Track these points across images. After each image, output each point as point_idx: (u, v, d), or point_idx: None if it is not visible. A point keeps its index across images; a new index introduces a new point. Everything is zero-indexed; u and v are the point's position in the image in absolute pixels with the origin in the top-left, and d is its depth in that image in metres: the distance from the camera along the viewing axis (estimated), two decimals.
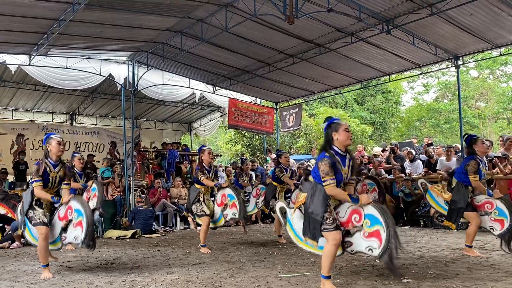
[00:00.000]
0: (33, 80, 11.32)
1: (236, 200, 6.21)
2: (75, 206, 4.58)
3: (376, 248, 3.49)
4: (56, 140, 4.73)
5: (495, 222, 5.13)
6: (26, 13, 7.68)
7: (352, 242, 3.68)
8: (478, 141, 5.33)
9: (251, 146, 20.84)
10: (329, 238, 3.60)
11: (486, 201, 5.23)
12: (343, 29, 8.88)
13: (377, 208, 3.55)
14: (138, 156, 11.77)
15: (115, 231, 8.85)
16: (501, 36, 8.68)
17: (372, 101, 24.79)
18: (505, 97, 23.65)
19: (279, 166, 7.28)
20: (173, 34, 9.42)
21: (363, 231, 3.59)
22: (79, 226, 4.51)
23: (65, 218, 4.63)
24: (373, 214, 3.54)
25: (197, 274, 4.50)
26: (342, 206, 3.75)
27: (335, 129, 3.77)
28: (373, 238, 3.52)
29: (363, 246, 3.60)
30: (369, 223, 3.55)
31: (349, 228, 3.68)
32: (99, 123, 15.32)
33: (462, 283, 3.79)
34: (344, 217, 3.72)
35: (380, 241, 3.46)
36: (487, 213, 5.19)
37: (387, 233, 3.42)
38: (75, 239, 4.55)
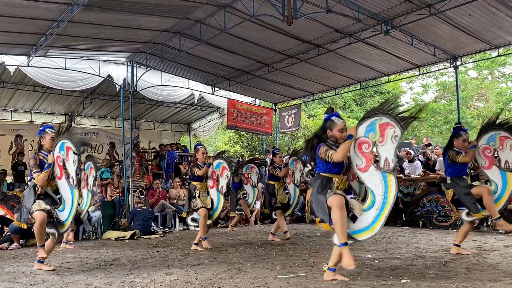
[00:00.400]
0: (31, 81, 11.32)
1: (224, 163, 6.47)
2: (56, 149, 4.78)
3: (395, 129, 3.64)
4: (50, 136, 4.92)
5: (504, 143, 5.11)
6: (24, 14, 7.68)
7: (385, 157, 3.73)
8: (460, 138, 5.32)
9: (250, 146, 20.83)
10: (331, 202, 3.75)
11: (485, 147, 5.22)
12: (341, 29, 8.89)
13: (362, 119, 3.80)
14: (137, 157, 11.76)
15: (114, 232, 8.84)
16: (499, 37, 8.70)
17: (371, 101, 24.80)
18: (504, 98, 23.66)
19: (273, 165, 7.48)
20: (172, 35, 9.42)
21: (377, 143, 3.73)
22: (69, 150, 4.68)
23: (61, 168, 4.76)
24: (366, 125, 3.77)
25: (196, 275, 4.49)
26: (352, 157, 3.86)
27: (329, 127, 3.98)
28: (385, 132, 3.68)
29: (389, 144, 3.69)
30: (372, 134, 3.74)
31: (373, 161, 3.80)
32: (98, 124, 15.31)
33: (461, 283, 3.79)
34: (361, 161, 3.81)
35: (389, 125, 3.65)
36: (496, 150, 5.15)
37: (386, 116, 3.68)
38: (74, 162, 4.68)
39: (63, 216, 4.85)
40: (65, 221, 4.85)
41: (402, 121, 3.67)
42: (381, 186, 3.77)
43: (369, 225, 3.80)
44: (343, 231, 3.72)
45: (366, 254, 5.50)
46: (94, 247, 7.31)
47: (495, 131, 5.18)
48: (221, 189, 6.52)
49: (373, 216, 3.77)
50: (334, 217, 3.73)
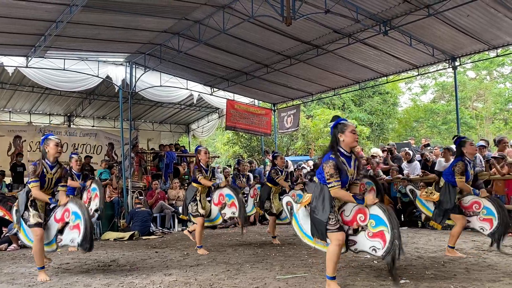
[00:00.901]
0: (30, 82, 11.30)
1: (236, 200, 6.23)
2: (73, 209, 4.56)
3: (379, 249, 3.51)
4: (54, 142, 4.71)
5: (484, 222, 5.15)
6: (23, 15, 7.67)
7: (356, 241, 3.70)
8: (466, 143, 5.35)
9: (249, 147, 20.84)
10: (333, 238, 3.62)
11: (474, 201, 5.26)
12: (340, 30, 8.90)
13: (382, 208, 3.56)
14: (136, 157, 11.76)
15: (113, 233, 8.83)
16: (497, 37, 8.71)
17: (369, 102, 24.82)
18: (502, 98, 23.71)
19: (275, 168, 7.28)
20: (171, 35, 9.42)
21: (367, 231, 3.61)
22: (76, 228, 4.49)
23: (62, 220, 4.61)
24: (378, 215, 3.55)
25: (195, 275, 4.49)
26: (348, 205, 3.77)
27: (341, 130, 3.77)
28: (377, 238, 3.54)
29: (367, 245, 3.62)
30: (373, 223, 3.57)
31: (354, 227, 3.70)
32: (96, 124, 15.30)
33: (459, 283, 3.79)
34: (349, 216, 3.73)
35: (384, 242, 3.48)
36: (476, 213, 5.22)
37: (392, 235, 3.44)
38: (72, 241, 4.53)
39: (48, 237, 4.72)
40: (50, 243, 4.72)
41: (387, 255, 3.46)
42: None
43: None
44: (334, 267, 3.66)
45: (365, 254, 5.50)
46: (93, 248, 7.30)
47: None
48: (223, 215, 6.39)
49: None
50: (330, 252, 3.65)
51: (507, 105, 24.08)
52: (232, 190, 6.36)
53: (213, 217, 6.47)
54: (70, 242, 4.55)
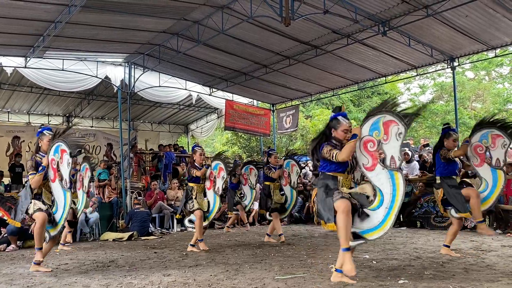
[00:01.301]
0: (29, 82, 11.29)
1: (221, 163, 6.48)
2: (51, 152, 4.78)
3: (398, 127, 3.65)
4: (47, 138, 4.94)
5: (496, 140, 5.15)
6: (22, 15, 7.67)
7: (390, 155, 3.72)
8: (450, 137, 5.33)
9: (247, 147, 20.82)
10: (337, 206, 3.73)
11: (476, 145, 5.24)
12: (339, 30, 8.91)
13: (366, 118, 3.81)
14: (134, 158, 11.75)
15: (112, 234, 8.82)
16: (496, 38, 8.73)
17: (368, 102, 24.83)
18: (501, 98, 23.72)
19: (268, 165, 7.43)
20: (170, 36, 9.42)
21: (382, 141, 3.73)
22: (63, 152, 4.70)
23: (55, 171, 4.77)
24: (370, 123, 3.78)
25: (194, 276, 4.49)
26: (358, 156, 3.86)
27: (334, 126, 3.97)
28: (389, 129, 3.70)
29: (393, 142, 3.69)
30: (377, 132, 3.76)
31: (379, 159, 3.77)
32: (95, 125, 15.28)
33: (458, 283, 3.79)
34: (367, 160, 3.81)
35: (393, 122, 3.67)
36: (488, 148, 5.18)
37: (389, 113, 3.69)
38: (68, 164, 4.70)
39: (56, 218, 4.86)
40: (58, 223, 4.86)
41: (405, 118, 3.67)
42: (389, 185, 3.74)
43: (379, 224, 3.79)
44: (346, 237, 3.72)
45: (364, 255, 5.50)
46: (92, 248, 7.30)
47: (488, 129, 5.20)
48: (217, 190, 6.54)
49: (382, 215, 3.76)
50: (338, 221, 3.72)
51: (506, 106, 24.09)
52: (215, 159, 6.61)
53: (210, 208, 6.55)
54: (68, 165, 4.70)
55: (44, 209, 4.76)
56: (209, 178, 6.58)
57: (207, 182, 6.60)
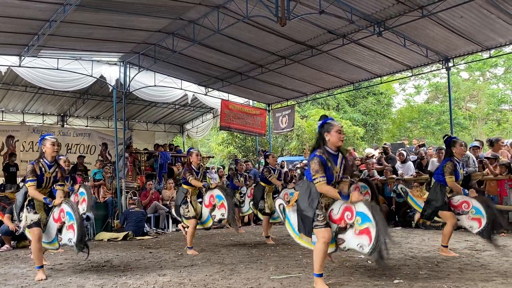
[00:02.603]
0: (23, 81, 11.23)
1: (225, 201, 6.14)
2: (66, 209, 4.61)
3: (366, 245, 3.54)
4: (50, 141, 4.80)
5: (473, 221, 5.21)
6: (16, 14, 7.62)
7: (345, 239, 3.74)
8: (456, 144, 5.45)
9: (243, 147, 20.83)
10: (319, 235, 3.69)
11: (463, 201, 5.33)
12: (334, 31, 8.92)
13: (367, 206, 3.60)
14: (129, 157, 11.71)
15: (107, 233, 8.79)
16: (490, 38, 8.77)
17: (363, 102, 24.90)
18: (495, 99, 23.87)
19: (267, 167, 7.35)
20: (165, 35, 9.40)
21: (354, 228, 3.66)
22: (71, 229, 4.55)
23: (59, 220, 4.66)
24: (364, 212, 3.59)
25: (189, 276, 4.48)
26: (336, 203, 3.82)
27: (327, 129, 3.88)
28: (363, 235, 3.57)
29: (354, 243, 3.66)
30: (360, 220, 3.61)
31: (342, 225, 3.74)
32: (90, 124, 15.21)
33: (453, 283, 3.81)
34: (337, 214, 3.78)
35: (370, 238, 3.52)
36: (465, 212, 5.29)
37: (376, 231, 3.47)
38: (69, 241, 4.59)
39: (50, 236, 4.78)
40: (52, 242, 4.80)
41: (374, 252, 3.48)
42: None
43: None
44: (321, 264, 3.73)
45: (359, 254, 5.52)
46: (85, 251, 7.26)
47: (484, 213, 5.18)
48: (213, 217, 6.29)
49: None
50: (317, 249, 3.71)
51: (500, 106, 24.25)
52: (222, 191, 6.25)
53: (203, 219, 6.39)
54: (68, 241, 4.60)
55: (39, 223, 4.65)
56: (209, 199, 6.31)
57: (206, 199, 6.34)
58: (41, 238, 4.63)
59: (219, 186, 6.41)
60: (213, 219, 6.32)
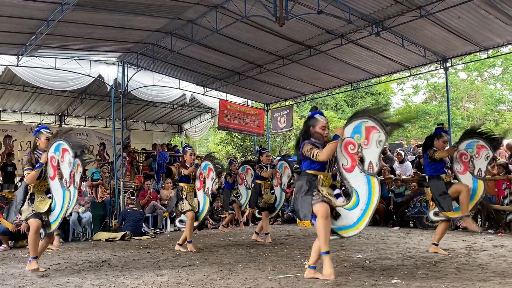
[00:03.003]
0: (21, 81, 11.20)
1: (210, 164, 6.41)
2: (51, 150, 4.75)
3: (380, 134, 3.70)
4: (45, 136, 4.88)
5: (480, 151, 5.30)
6: (14, 13, 7.60)
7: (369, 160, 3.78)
8: (441, 138, 5.45)
9: (241, 147, 20.81)
10: (317, 210, 3.80)
11: (462, 153, 5.39)
12: (333, 31, 8.93)
13: (348, 121, 3.86)
14: (128, 157, 11.69)
15: (105, 233, 8.78)
16: (488, 39, 8.79)
17: (362, 102, 24.91)
18: (493, 99, 23.90)
19: (259, 164, 7.44)
20: (163, 35, 9.39)
21: (362, 145, 3.79)
22: (65, 152, 4.68)
23: (54, 170, 4.74)
24: (353, 126, 3.84)
25: (187, 276, 4.48)
26: (338, 156, 3.93)
27: (313, 124, 4.06)
28: (370, 135, 3.75)
29: (373, 148, 3.75)
30: (358, 135, 3.82)
31: (358, 160, 3.84)
32: (88, 124, 15.18)
33: (450, 283, 3.82)
34: (347, 161, 3.89)
35: (374, 128, 3.72)
36: (472, 157, 5.35)
37: (371, 119, 3.73)
38: (70, 164, 4.68)
39: (53, 216, 4.81)
40: (54, 221, 4.82)
41: (387, 126, 3.71)
42: (365, 188, 3.84)
43: (354, 223, 3.90)
44: (326, 240, 3.79)
45: (357, 254, 5.52)
46: (84, 248, 7.26)
47: (474, 139, 5.36)
48: (207, 191, 6.49)
49: (357, 216, 3.87)
50: (318, 226, 3.80)
51: (498, 106, 24.28)
52: (205, 159, 6.56)
53: (200, 208, 6.52)
54: (69, 165, 4.68)
55: (38, 215, 4.69)
56: (199, 179, 6.55)
57: (197, 182, 6.57)
58: (39, 230, 4.67)
59: (203, 159, 6.68)
60: (208, 194, 6.48)
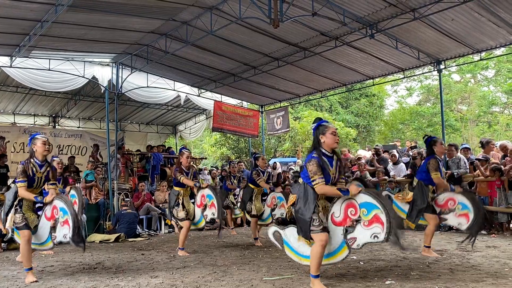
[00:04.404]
0: (14, 82, 11.13)
1: (215, 200, 6.20)
2: (59, 205, 4.58)
3: (380, 233, 3.55)
4: (41, 140, 4.76)
5: (460, 217, 5.26)
6: (7, 14, 7.55)
7: (356, 236, 3.71)
8: (437, 142, 5.55)
9: (236, 149, 20.83)
10: (316, 239, 3.70)
11: (449, 198, 5.39)
12: (327, 33, 8.96)
13: (369, 193, 3.64)
14: (122, 159, 11.65)
15: (99, 235, 8.75)
16: (481, 41, 8.85)
17: (356, 104, 25.01)
18: (486, 101, 24.07)
19: (256, 169, 7.35)
20: (158, 36, 9.37)
21: (362, 221, 3.65)
22: (66, 224, 4.52)
23: (52, 217, 4.63)
24: (367, 201, 3.61)
25: (181, 278, 4.47)
26: (335, 205, 3.82)
27: (322, 132, 3.88)
28: (374, 224, 3.58)
29: (367, 236, 3.64)
30: (365, 211, 3.62)
31: (348, 224, 3.74)
32: (82, 125, 15.11)
33: (444, 284, 3.84)
34: (340, 215, 3.78)
35: (382, 224, 3.54)
36: (452, 210, 5.33)
37: (386, 214, 3.51)
38: (64, 237, 4.55)
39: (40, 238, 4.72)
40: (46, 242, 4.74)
41: (392, 235, 3.52)
42: (336, 245, 3.80)
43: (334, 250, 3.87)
44: (317, 266, 3.75)
45: (351, 255, 5.54)
46: (78, 250, 7.21)
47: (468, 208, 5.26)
48: (205, 216, 6.33)
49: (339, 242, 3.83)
50: (314, 252, 3.73)
51: (491, 108, 24.46)
52: (212, 190, 6.31)
53: (196, 219, 6.42)
54: (64, 238, 4.55)
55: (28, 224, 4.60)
56: (200, 199, 6.33)
57: (198, 199, 6.36)
58: (30, 240, 4.58)
59: (209, 186, 6.44)
60: (205, 219, 6.34)
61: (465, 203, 5.23)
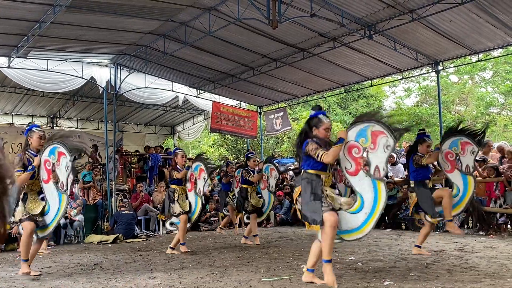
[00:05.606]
0: (12, 83, 11.12)
1: (202, 165, 6.44)
2: (45, 153, 4.69)
3: (387, 139, 3.65)
4: (37, 134, 4.81)
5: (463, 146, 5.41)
6: (5, 15, 7.55)
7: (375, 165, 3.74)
8: (424, 143, 5.55)
9: (234, 149, 20.81)
10: (326, 219, 3.70)
11: (447, 152, 5.50)
12: (325, 34, 8.97)
13: (353, 124, 3.83)
14: (120, 159, 11.64)
15: (97, 236, 8.73)
16: (479, 42, 8.88)
17: (354, 105, 25.03)
18: (484, 102, 24.11)
19: (246, 169, 7.53)
20: (156, 37, 9.37)
21: (368, 148, 3.74)
22: (62, 155, 4.63)
23: (49, 173, 4.69)
24: (357, 130, 3.78)
25: (179, 278, 4.46)
26: (341, 161, 3.89)
27: (316, 124, 3.96)
28: (377, 140, 3.70)
29: (380, 152, 3.70)
30: (363, 139, 3.76)
31: (362, 164, 3.80)
32: (80, 126, 15.10)
33: (442, 285, 3.84)
34: (351, 165, 3.84)
35: (382, 133, 3.67)
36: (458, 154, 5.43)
37: (376, 122, 3.69)
38: (67, 167, 4.63)
39: (48, 219, 4.76)
40: (49, 224, 4.78)
41: (395, 131, 3.67)
42: (370, 191, 3.80)
43: (358, 227, 3.85)
44: (330, 249, 3.76)
45: (349, 256, 5.54)
46: (76, 251, 7.21)
47: (457, 137, 5.46)
48: (198, 192, 6.53)
49: (362, 219, 3.82)
50: (325, 234, 3.73)
51: (489, 109, 24.50)
52: (197, 160, 6.58)
53: (192, 208, 6.54)
54: (66, 168, 4.63)
55: (32, 217, 4.65)
56: (190, 180, 6.56)
57: (188, 184, 6.59)
58: (32, 233, 4.64)
59: (194, 160, 6.69)
60: (199, 194, 6.48)
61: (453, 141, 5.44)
